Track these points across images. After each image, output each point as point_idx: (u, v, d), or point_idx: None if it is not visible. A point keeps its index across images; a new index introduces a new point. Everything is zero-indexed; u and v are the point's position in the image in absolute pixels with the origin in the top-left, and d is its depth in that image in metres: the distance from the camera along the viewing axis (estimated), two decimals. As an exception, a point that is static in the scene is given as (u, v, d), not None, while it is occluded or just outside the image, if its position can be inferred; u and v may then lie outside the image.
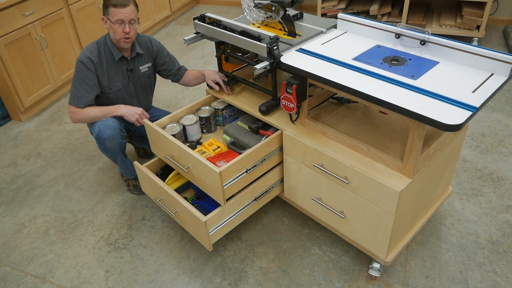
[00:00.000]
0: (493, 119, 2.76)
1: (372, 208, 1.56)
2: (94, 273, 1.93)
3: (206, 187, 1.77)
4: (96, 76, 2.05)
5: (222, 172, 1.62)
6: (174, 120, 2.06)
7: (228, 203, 1.74)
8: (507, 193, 2.19)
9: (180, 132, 2.01)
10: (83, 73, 2.02)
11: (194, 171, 1.77)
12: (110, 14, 1.94)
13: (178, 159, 1.84)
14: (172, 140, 1.81)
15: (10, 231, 2.18)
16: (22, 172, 2.59)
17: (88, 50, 2.05)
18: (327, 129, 1.68)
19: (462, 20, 3.59)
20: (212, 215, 1.70)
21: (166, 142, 1.86)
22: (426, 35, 1.59)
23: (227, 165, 1.65)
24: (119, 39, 1.99)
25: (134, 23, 1.99)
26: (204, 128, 2.12)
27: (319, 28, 1.89)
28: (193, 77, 2.27)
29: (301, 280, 1.82)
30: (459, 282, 1.77)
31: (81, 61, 2.02)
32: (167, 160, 1.95)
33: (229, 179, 1.68)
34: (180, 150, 1.79)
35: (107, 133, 2.01)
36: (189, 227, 1.84)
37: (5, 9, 2.76)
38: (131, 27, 1.97)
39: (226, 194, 1.71)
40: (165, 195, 1.88)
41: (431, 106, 1.30)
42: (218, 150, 1.96)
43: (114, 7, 1.92)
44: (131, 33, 1.98)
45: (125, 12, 1.92)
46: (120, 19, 1.93)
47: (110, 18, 1.95)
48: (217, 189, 1.68)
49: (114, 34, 1.99)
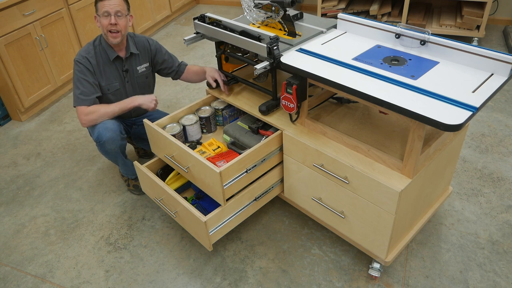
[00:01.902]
0: (493, 119, 2.76)
1: (372, 208, 1.56)
2: (94, 273, 1.93)
3: (206, 187, 1.77)
4: (95, 75, 2.05)
5: (222, 172, 1.62)
6: (174, 120, 2.06)
7: (228, 203, 1.74)
8: (507, 193, 2.19)
9: (180, 132, 2.00)
10: (82, 72, 2.02)
11: (194, 171, 1.77)
12: (98, 9, 1.97)
13: (178, 159, 1.84)
14: (172, 140, 1.81)
15: (10, 231, 2.18)
16: (22, 172, 2.59)
17: (85, 51, 2.05)
18: (327, 129, 1.68)
19: (462, 20, 3.59)
20: (212, 215, 1.70)
21: (166, 142, 1.86)
22: (426, 35, 1.59)
23: (227, 165, 1.65)
24: (106, 33, 1.99)
25: (122, 15, 1.99)
26: (204, 128, 2.12)
27: (319, 28, 1.89)
28: (194, 73, 2.26)
29: (301, 280, 1.82)
30: (459, 282, 1.77)
31: (78, 61, 2.02)
32: (167, 160, 1.95)
33: (229, 179, 1.68)
34: (180, 150, 1.78)
35: (107, 136, 2.00)
36: (189, 227, 1.84)
37: (5, 9, 2.76)
38: (118, 19, 1.97)
39: (226, 194, 1.71)
40: (165, 195, 1.88)
41: (431, 106, 1.29)
42: (218, 150, 1.96)
43: (101, 1, 1.95)
44: (118, 26, 1.98)
45: (110, 4, 1.95)
46: (106, 10, 1.95)
47: (98, 13, 1.98)
48: (217, 189, 1.68)
49: (102, 28, 1.99)
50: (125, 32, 2.05)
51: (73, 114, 3.15)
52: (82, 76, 2.02)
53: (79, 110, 2.02)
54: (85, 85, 2.02)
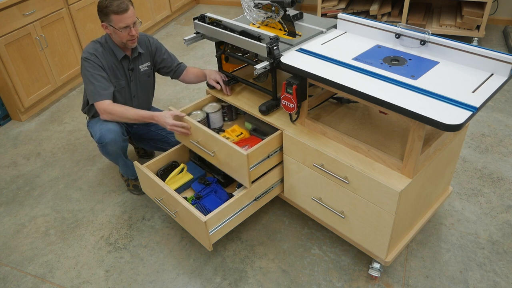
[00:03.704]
0: (493, 119, 2.76)
1: (372, 208, 1.56)
2: (94, 273, 1.93)
3: (231, 170, 1.83)
4: (105, 71, 2.04)
5: (249, 155, 1.68)
6: (197, 108, 2.12)
7: (228, 202, 1.75)
8: (507, 193, 2.19)
9: (204, 119, 2.07)
10: (93, 67, 1.99)
11: (220, 155, 1.83)
12: (113, 21, 1.91)
13: (204, 144, 1.90)
14: (199, 126, 1.87)
15: (10, 231, 2.18)
16: (22, 172, 2.59)
17: (92, 48, 2.02)
18: (327, 129, 1.68)
19: (462, 20, 3.59)
20: (212, 215, 1.70)
21: (193, 128, 1.91)
22: (426, 35, 1.59)
23: (253, 148, 1.72)
24: (126, 42, 1.99)
25: (137, 22, 1.99)
26: (226, 116, 2.18)
27: (319, 28, 1.89)
28: (194, 75, 2.26)
29: (301, 280, 1.82)
30: (459, 282, 1.77)
31: (87, 58, 1.99)
32: (192, 146, 1.99)
33: (255, 162, 1.75)
34: (206, 135, 1.84)
35: (109, 137, 2.00)
36: (189, 227, 1.85)
37: (5, 9, 2.76)
38: (136, 28, 1.98)
39: (252, 176, 1.77)
40: (165, 195, 1.88)
41: (431, 106, 1.30)
42: (241, 136, 2.02)
43: (116, 14, 1.89)
44: (136, 33, 1.99)
45: (128, 16, 1.92)
46: (125, 24, 1.92)
47: (113, 25, 1.93)
48: (244, 172, 1.75)
49: (120, 38, 1.97)
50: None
51: (73, 114, 3.15)
52: (94, 71, 1.99)
53: (100, 106, 1.99)
54: (100, 80, 2.00)
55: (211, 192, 1.98)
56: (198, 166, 2.15)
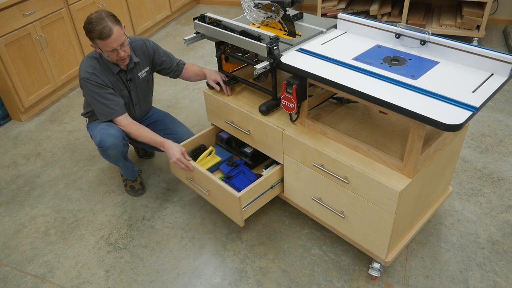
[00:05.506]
0: (493, 119, 2.76)
1: (372, 208, 1.56)
2: (94, 273, 1.93)
3: (267, 148, 1.93)
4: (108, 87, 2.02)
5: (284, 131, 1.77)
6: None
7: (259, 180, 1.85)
8: (507, 193, 2.19)
9: None
10: (98, 86, 1.97)
11: (255, 133, 1.93)
12: (100, 45, 1.87)
13: (239, 123, 2.00)
14: (234, 106, 1.95)
15: (10, 231, 2.18)
16: (22, 172, 2.59)
17: (90, 67, 1.97)
18: (327, 129, 1.68)
19: (462, 20, 3.59)
20: (245, 191, 1.79)
21: (228, 108, 2.02)
22: (426, 35, 1.59)
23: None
24: (116, 61, 1.97)
25: (125, 42, 1.92)
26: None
27: (319, 28, 1.89)
28: (193, 73, 2.25)
29: (301, 280, 1.82)
30: (459, 282, 1.77)
31: (87, 78, 1.95)
32: (226, 126, 2.11)
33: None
34: (242, 115, 1.94)
35: (109, 142, 1.99)
36: (222, 204, 1.92)
37: (5, 9, 2.76)
38: (124, 49, 1.92)
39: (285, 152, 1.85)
40: (197, 174, 1.95)
41: (431, 106, 1.30)
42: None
43: (100, 40, 1.83)
44: (125, 53, 1.94)
45: (113, 40, 1.84)
46: (111, 48, 1.87)
47: (101, 48, 1.89)
48: (278, 147, 1.83)
49: (110, 59, 1.95)
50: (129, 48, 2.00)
51: (73, 114, 3.15)
52: (101, 91, 1.97)
53: (118, 121, 2.02)
54: (109, 97, 1.99)
55: (239, 173, 2.06)
56: (224, 149, 2.24)
